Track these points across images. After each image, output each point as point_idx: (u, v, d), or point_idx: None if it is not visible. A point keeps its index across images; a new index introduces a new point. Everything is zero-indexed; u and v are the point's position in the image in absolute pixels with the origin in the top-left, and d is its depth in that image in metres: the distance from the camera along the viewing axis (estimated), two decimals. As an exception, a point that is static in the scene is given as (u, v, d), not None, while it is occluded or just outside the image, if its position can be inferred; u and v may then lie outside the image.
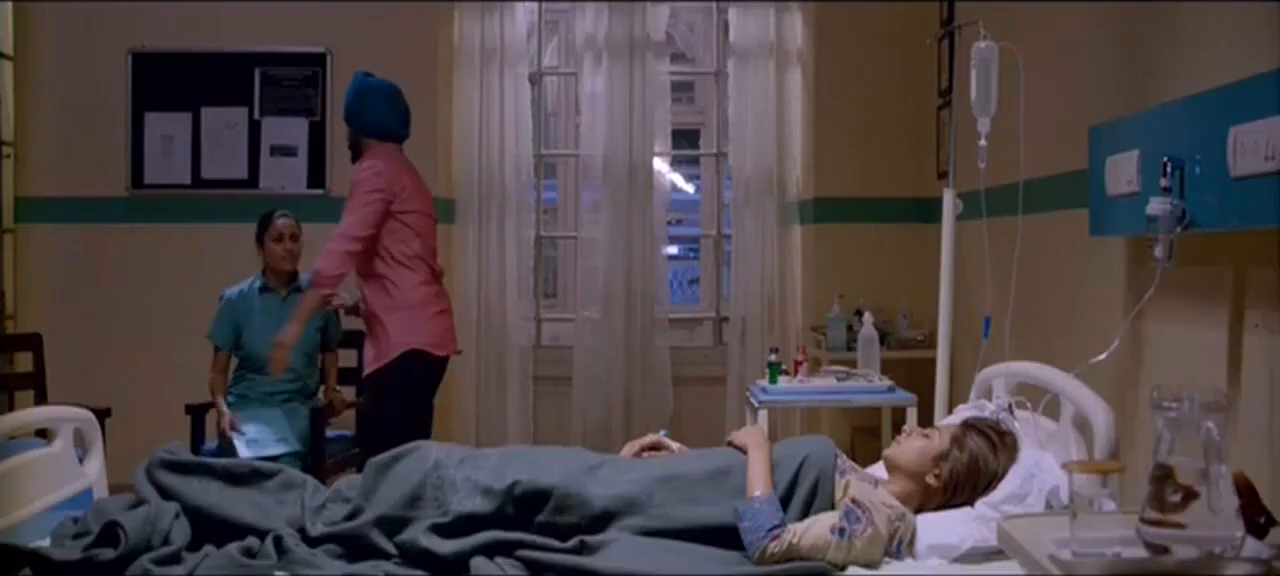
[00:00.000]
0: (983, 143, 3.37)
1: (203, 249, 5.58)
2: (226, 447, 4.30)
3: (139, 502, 2.47)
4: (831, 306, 5.26)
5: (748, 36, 5.85)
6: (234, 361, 4.68)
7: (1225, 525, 1.59)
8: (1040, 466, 2.53)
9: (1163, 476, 1.63)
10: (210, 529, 2.45)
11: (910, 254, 5.50)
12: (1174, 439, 1.64)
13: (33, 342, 4.97)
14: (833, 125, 5.68)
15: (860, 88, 5.64)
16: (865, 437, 5.43)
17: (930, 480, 2.55)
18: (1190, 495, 1.59)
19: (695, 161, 6.84)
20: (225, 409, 4.45)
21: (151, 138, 5.64)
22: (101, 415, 4.35)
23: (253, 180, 5.64)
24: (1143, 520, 1.64)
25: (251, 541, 2.40)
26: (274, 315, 4.62)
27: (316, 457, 4.48)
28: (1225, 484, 1.59)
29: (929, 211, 5.42)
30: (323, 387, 4.76)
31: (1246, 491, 1.71)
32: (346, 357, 5.01)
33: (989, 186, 3.61)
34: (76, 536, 2.38)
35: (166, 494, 2.49)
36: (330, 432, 4.68)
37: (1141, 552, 1.65)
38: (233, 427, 4.34)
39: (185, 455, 2.60)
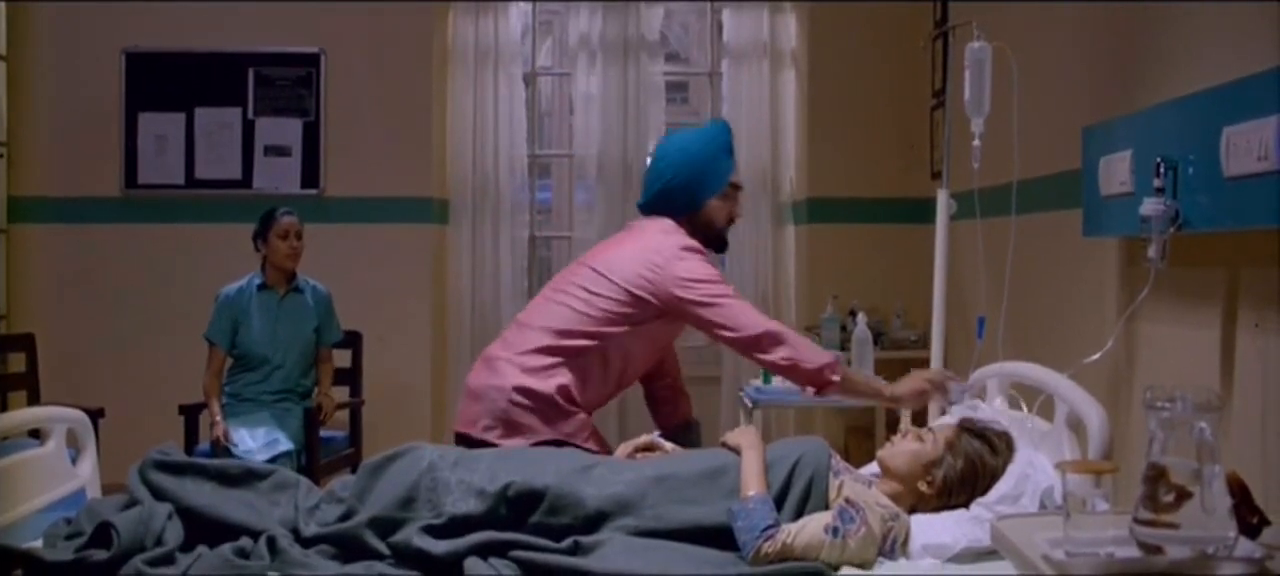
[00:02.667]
0: (976, 143, 3.37)
1: (197, 249, 5.57)
2: (218, 454, 4.29)
3: (132, 503, 2.46)
4: (825, 307, 5.25)
5: (741, 37, 5.85)
6: (229, 361, 4.68)
7: (1219, 525, 1.59)
8: (1034, 466, 2.52)
9: (1156, 476, 1.63)
10: (203, 529, 2.44)
11: (903, 254, 5.51)
12: (1167, 439, 1.64)
13: (26, 343, 4.96)
14: (826, 125, 5.69)
15: (854, 88, 5.65)
16: (859, 437, 5.43)
17: (923, 486, 2.55)
18: (1183, 495, 1.59)
19: (689, 162, 6.84)
20: (219, 417, 4.43)
21: (145, 138, 5.63)
22: (95, 415, 4.35)
23: (247, 180, 5.63)
24: (1136, 520, 1.65)
25: (245, 542, 2.39)
26: (271, 314, 4.64)
27: (310, 458, 4.48)
28: (1218, 484, 1.59)
29: (922, 212, 5.43)
30: (316, 389, 4.75)
31: (1240, 491, 1.71)
32: (341, 358, 5.01)
33: (982, 186, 3.61)
34: (69, 537, 2.37)
35: (159, 494, 2.47)
36: (324, 433, 4.68)
37: (1135, 552, 1.65)
38: (226, 438, 4.34)
39: (178, 456, 2.58)
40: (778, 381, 4.23)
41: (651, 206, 3.31)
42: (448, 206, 5.79)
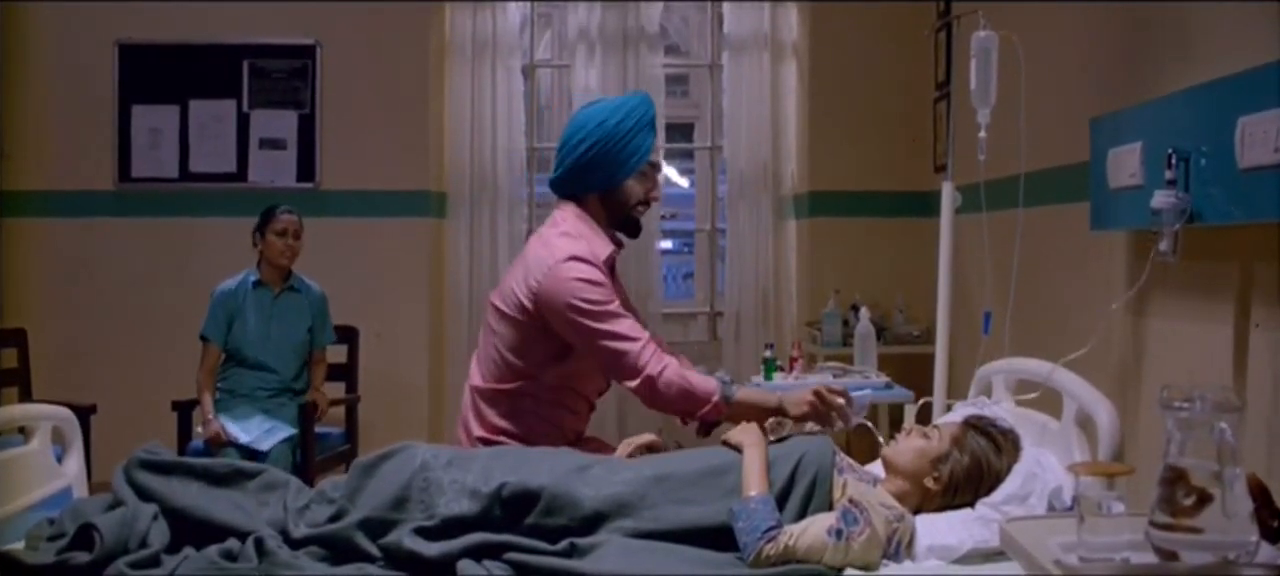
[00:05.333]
0: (982, 134, 3.31)
1: (191, 243, 5.51)
2: (214, 451, 4.23)
3: (117, 504, 2.40)
4: (827, 302, 5.20)
5: (742, 29, 5.79)
6: (222, 358, 4.62)
7: (1240, 529, 1.53)
8: (1042, 465, 2.46)
9: (1174, 479, 1.56)
10: (190, 530, 2.37)
11: (906, 248, 5.45)
12: (1185, 440, 1.58)
13: (17, 338, 4.91)
14: (828, 118, 5.63)
15: (856, 81, 5.59)
16: (861, 434, 5.36)
17: (929, 482, 2.48)
18: (1204, 498, 1.52)
19: (689, 155, 6.78)
20: (211, 414, 4.37)
21: (139, 130, 5.56)
22: (86, 412, 4.32)
23: (241, 174, 5.56)
24: (1153, 524, 1.58)
25: (232, 543, 2.33)
26: (265, 311, 4.59)
27: (305, 455, 4.43)
28: (1240, 486, 1.52)
29: (924, 205, 5.37)
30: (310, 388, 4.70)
31: (1260, 494, 1.65)
32: (337, 353, 4.95)
33: (987, 179, 3.55)
34: (51, 538, 2.31)
35: (145, 494, 2.41)
36: (319, 430, 4.63)
37: (1151, 558, 1.59)
38: (223, 433, 4.27)
39: (165, 454, 2.52)
40: (779, 378, 4.16)
41: (563, 183, 3.05)
42: (445, 200, 5.73)
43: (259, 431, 4.32)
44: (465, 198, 5.71)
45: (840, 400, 2.80)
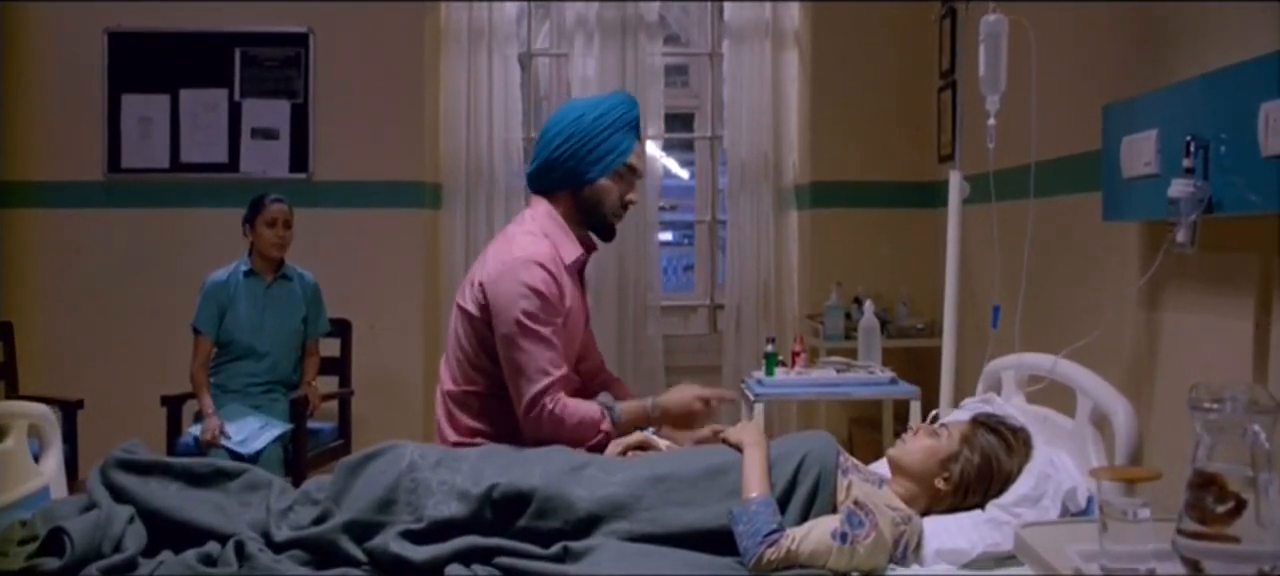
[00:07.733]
0: (991, 122, 3.21)
1: (182, 234, 5.42)
2: (206, 450, 4.13)
3: (92, 505, 2.31)
4: (829, 294, 5.11)
5: (743, 17, 5.70)
6: (214, 350, 4.53)
7: (1276, 539, 1.43)
8: (1055, 466, 2.37)
9: (1204, 484, 1.47)
10: (169, 533, 2.28)
11: (909, 240, 5.37)
12: (1215, 443, 1.48)
13: (4, 332, 4.82)
14: (830, 108, 5.54)
15: (858, 70, 5.50)
16: (863, 429, 5.29)
17: (938, 483, 2.39)
18: (1240, 505, 1.43)
19: (689, 146, 6.70)
20: (212, 410, 4.27)
21: (129, 120, 5.46)
22: (72, 407, 4.24)
23: (233, 164, 5.47)
24: (1181, 532, 1.49)
25: (212, 547, 2.23)
26: (257, 302, 4.50)
27: (298, 452, 4.35)
28: (1275, 492, 1.43)
29: (928, 196, 5.29)
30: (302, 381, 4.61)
31: (1293, 500, 1.55)
32: (329, 347, 4.87)
33: (995, 169, 3.45)
34: (23, 542, 2.21)
35: (122, 496, 2.32)
36: (312, 425, 4.55)
37: (1178, 568, 1.49)
38: (221, 435, 4.17)
39: (144, 454, 2.43)
40: (781, 373, 4.07)
41: (536, 177, 2.92)
42: (440, 191, 5.64)
43: (250, 431, 4.22)
44: (461, 189, 5.62)
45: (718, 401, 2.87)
